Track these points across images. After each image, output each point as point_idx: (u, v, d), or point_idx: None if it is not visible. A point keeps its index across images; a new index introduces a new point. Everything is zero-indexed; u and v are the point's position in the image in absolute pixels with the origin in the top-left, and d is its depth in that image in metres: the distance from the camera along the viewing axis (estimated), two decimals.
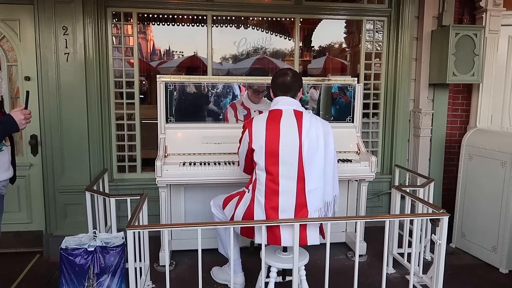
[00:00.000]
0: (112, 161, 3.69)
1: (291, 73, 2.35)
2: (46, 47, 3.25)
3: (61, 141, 3.36)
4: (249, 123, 2.31)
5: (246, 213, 2.29)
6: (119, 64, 3.63)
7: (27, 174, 3.46)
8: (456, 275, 3.05)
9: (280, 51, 5.29)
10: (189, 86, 3.17)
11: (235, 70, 5.37)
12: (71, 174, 3.40)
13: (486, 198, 3.27)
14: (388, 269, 3.03)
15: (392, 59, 3.93)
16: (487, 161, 3.27)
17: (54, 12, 3.22)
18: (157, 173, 2.80)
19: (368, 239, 3.33)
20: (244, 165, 2.44)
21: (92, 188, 2.90)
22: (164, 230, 2.17)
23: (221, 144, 3.05)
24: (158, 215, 3.03)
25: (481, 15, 3.81)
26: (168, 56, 6.39)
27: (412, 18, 3.81)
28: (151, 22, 4.23)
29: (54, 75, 3.28)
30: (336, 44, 5.78)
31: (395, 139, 3.97)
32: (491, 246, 3.24)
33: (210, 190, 3.07)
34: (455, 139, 4.07)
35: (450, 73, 3.64)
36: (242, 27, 4.34)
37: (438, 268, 2.34)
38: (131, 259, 2.05)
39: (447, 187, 4.09)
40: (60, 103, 3.32)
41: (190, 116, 3.18)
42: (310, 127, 2.24)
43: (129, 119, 3.70)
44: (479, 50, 3.66)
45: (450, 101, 4.05)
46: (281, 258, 2.36)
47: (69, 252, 2.45)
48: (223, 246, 2.69)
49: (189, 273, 2.99)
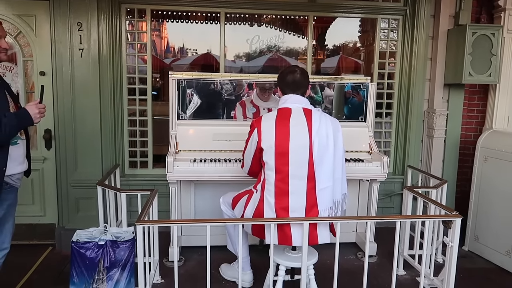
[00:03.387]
0: (124, 156, 3.72)
1: (299, 70, 2.33)
2: (61, 42, 3.30)
3: (74, 136, 3.41)
4: (258, 122, 2.28)
5: (255, 213, 2.28)
6: (133, 60, 3.65)
7: (40, 168, 3.51)
8: (468, 278, 2.99)
9: (293, 49, 5.26)
10: (201, 83, 3.18)
11: (248, 68, 5.37)
12: (84, 169, 3.45)
13: (500, 201, 3.21)
14: (398, 270, 2.99)
15: (406, 58, 3.87)
16: (503, 164, 3.20)
17: (69, 8, 3.26)
18: (167, 169, 2.82)
19: (379, 240, 3.30)
20: (250, 166, 2.40)
21: (103, 183, 2.93)
22: (173, 226, 2.18)
23: (232, 141, 3.05)
24: (168, 211, 3.05)
25: (499, 14, 3.72)
26: (182, 54, 6.41)
27: (428, 16, 3.75)
28: (166, 19, 4.24)
29: (69, 70, 3.32)
30: (350, 43, 5.72)
31: (408, 140, 3.92)
32: (505, 250, 3.17)
33: (220, 187, 3.06)
34: (470, 141, 3.99)
35: (466, 73, 3.57)
36: (255, 24, 4.32)
37: (450, 271, 2.30)
38: (140, 254, 2.06)
39: (461, 189, 4.02)
40: (74, 98, 3.36)
41: (201, 113, 3.18)
42: (320, 126, 2.22)
43: (142, 115, 3.73)
44: (497, 50, 3.58)
45: (466, 101, 3.97)
46: (290, 257, 2.35)
47: (80, 245, 2.47)
48: (232, 243, 2.69)
49: (198, 269, 3.00)
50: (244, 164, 2.46)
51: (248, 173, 2.47)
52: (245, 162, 2.44)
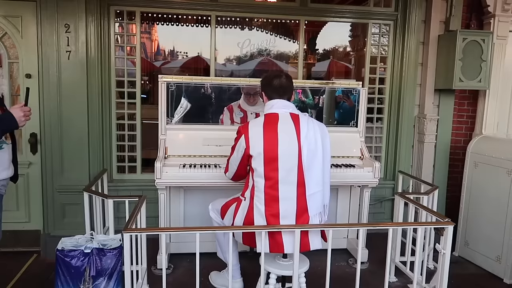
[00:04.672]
0: (112, 161, 3.64)
1: (284, 75, 2.32)
2: (48, 44, 3.23)
3: (60, 140, 3.33)
4: (245, 128, 2.24)
5: (245, 221, 2.24)
6: (122, 63, 3.59)
7: (26, 173, 3.42)
8: (459, 285, 2.98)
9: (284, 53, 5.24)
10: (191, 86, 3.13)
11: (238, 72, 5.33)
12: (70, 174, 3.37)
13: (491, 207, 3.21)
14: (390, 277, 2.96)
15: (397, 64, 3.88)
16: (493, 169, 3.21)
17: (57, 9, 3.19)
18: (156, 175, 2.76)
19: (370, 246, 3.28)
20: (236, 171, 2.37)
21: (90, 189, 2.86)
22: (161, 234, 2.12)
23: (222, 146, 2.99)
24: (157, 217, 2.98)
25: (489, 21, 3.75)
26: (172, 57, 6.37)
27: (419, 22, 3.76)
28: (156, 22, 4.19)
29: (55, 73, 3.26)
30: (341, 47, 5.73)
31: (399, 145, 3.92)
32: (495, 256, 3.18)
33: (211, 193, 3.02)
34: (460, 146, 4.00)
35: (457, 78, 3.59)
36: (246, 28, 4.29)
37: (442, 278, 2.28)
38: (127, 263, 2.00)
39: (451, 195, 4.03)
40: (61, 102, 3.30)
41: (191, 117, 3.13)
42: (308, 131, 2.20)
43: (130, 119, 3.66)
44: (487, 56, 3.60)
45: (456, 107, 3.99)
46: (281, 265, 2.31)
47: (65, 253, 2.41)
48: (221, 251, 2.64)
49: (187, 277, 2.94)
50: (228, 170, 2.42)
51: (233, 178, 2.44)
52: (230, 168, 2.41)
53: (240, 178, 2.42)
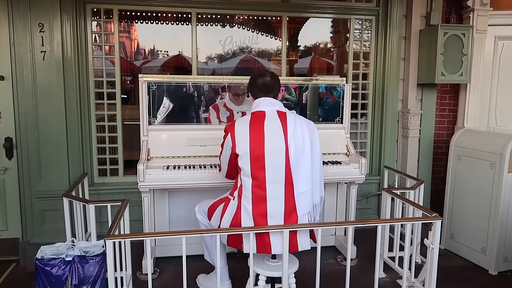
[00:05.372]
0: (92, 164, 3.53)
1: (269, 74, 2.30)
2: (21, 45, 3.10)
3: (37, 144, 3.21)
4: (231, 126, 2.21)
5: (233, 222, 2.19)
6: (100, 63, 3.48)
7: (1, 179, 3.29)
8: (445, 277, 3.00)
9: (266, 50, 5.21)
10: (173, 86, 3.05)
11: (220, 70, 5.27)
12: (49, 179, 3.25)
13: (475, 199, 3.25)
14: (379, 273, 2.96)
15: (380, 59, 3.88)
16: (476, 162, 3.24)
17: (29, 8, 3.07)
18: (139, 178, 2.67)
19: (358, 242, 3.26)
20: (227, 170, 2.33)
21: (70, 194, 2.75)
22: (146, 240, 2.06)
23: (207, 146, 2.94)
24: (142, 220, 2.91)
25: (468, 15, 3.79)
26: (152, 56, 6.26)
27: (400, 17, 3.77)
28: (135, 21, 4.10)
29: (30, 74, 3.13)
30: (322, 43, 5.73)
31: (384, 140, 3.92)
32: (480, 248, 3.21)
33: (196, 194, 2.95)
34: (443, 139, 4.04)
35: (439, 73, 3.61)
36: (228, 25, 4.24)
37: (431, 272, 2.28)
38: (110, 271, 1.92)
39: (436, 188, 4.07)
40: (37, 104, 3.17)
41: (174, 117, 3.05)
42: (295, 128, 2.16)
43: (111, 120, 3.55)
44: (467, 50, 3.63)
45: (438, 101, 4.02)
46: (269, 266, 2.27)
47: (45, 262, 2.32)
48: (209, 253, 2.58)
49: (174, 281, 2.87)
50: (222, 168, 2.39)
51: (227, 176, 2.40)
52: (222, 167, 2.37)
53: (233, 177, 2.37)
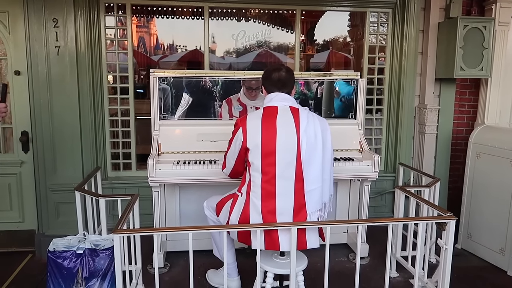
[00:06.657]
0: (106, 158, 3.57)
1: (284, 68, 2.25)
2: (36, 40, 3.14)
3: (52, 138, 3.26)
4: (243, 120, 2.18)
5: (241, 218, 2.17)
6: (114, 58, 3.50)
7: (18, 172, 3.36)
8: (461, 278, 2.92)
9: (283, 45, 5.15)
10: (184, 81, 3.04)
11: (237, 65, 5.24)
12: (63, 172, 3.30)
13: (494, 198, 3.14)
14: (391, 272, 2.90)
15: (397, 53, 3.77)
16: (496, 160, 3.13)
17: (44, 3, 3.10)
18: (149, 173, 2.68)
19: (371, 240, 3.21)
20: (234, 166, 2.29)
21: (82, 188, 2.79)
22: (154, 234, 2.06)
23: (218, 141, 2.91)
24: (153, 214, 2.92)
25: (490, 7, 3.64)
26: (171, 50, 6.28)
27: (418, 9, 3.64)
28: (151, 15, 4.10)
29: (45, 69, 3.17)
30: (340, 37, 5.62)
31: (400, 136, 3.83)
32: (498, 248, 3.11)
33: (206, 190, 2.95)
34: (462, 136, 3.92)
35: (458, 67, 3.48)
36: (243, 19, 4.19)
37: (444, 274, 2.21)
38: (118, 265, 1.94)
39: (453, 186, 3.95)
40: (51, 98, 3.22)
41: (185, 112, 3.05)
42: (307, 125, 2.12)
43: (124, 115, 3.58)
44: (489, 43, 3.49)
45: (457, 96, 3.89)
46: (278, 263, 2.24)
47: (57, 254, 2.35)
48: (217, 249, 2.57)
49: (183, 275, 2.87)
50: (226, 166, 2.35)
51: (230, 174, 2.36)
52: (227, 163, 2.33)
53: (238, 175, 2.34)
